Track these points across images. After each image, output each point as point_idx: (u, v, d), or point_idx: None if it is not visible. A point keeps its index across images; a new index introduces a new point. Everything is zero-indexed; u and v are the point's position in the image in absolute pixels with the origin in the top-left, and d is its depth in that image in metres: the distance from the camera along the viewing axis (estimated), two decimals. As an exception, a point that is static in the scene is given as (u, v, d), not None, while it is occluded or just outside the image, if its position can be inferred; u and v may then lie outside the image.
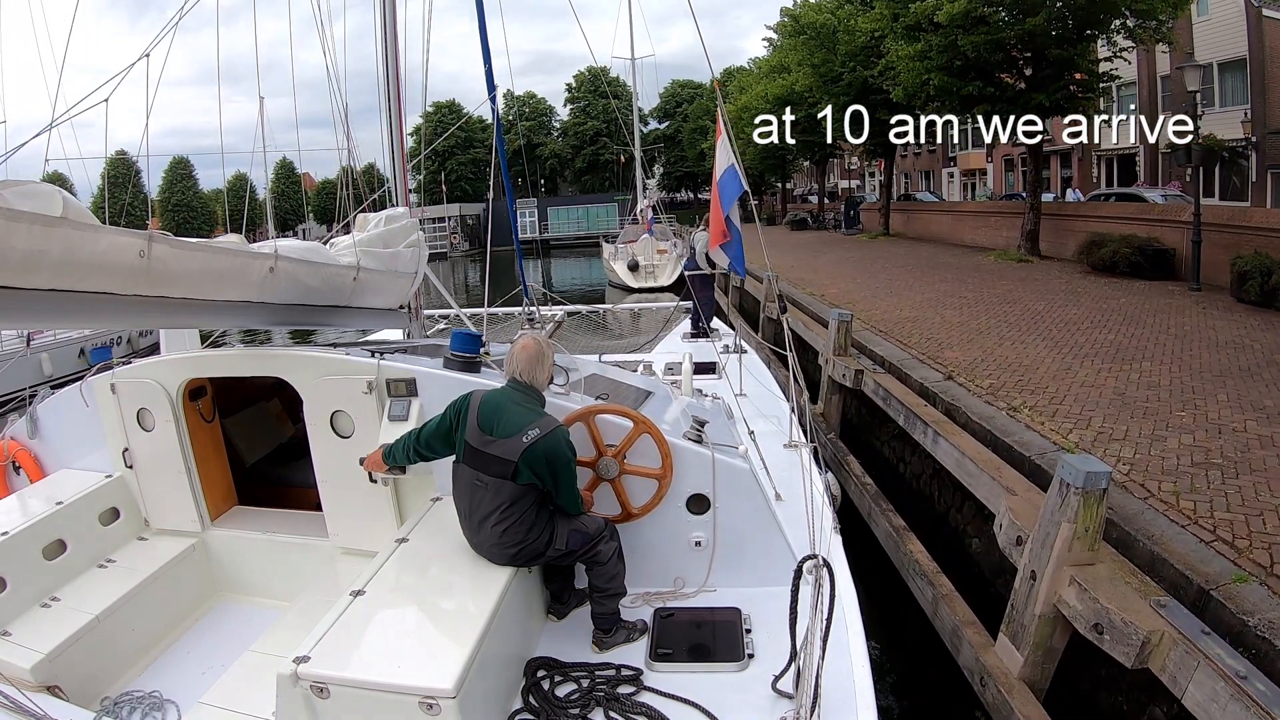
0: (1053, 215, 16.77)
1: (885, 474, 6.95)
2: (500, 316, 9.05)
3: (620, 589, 2.85)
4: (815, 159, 37.11)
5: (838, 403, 7.86)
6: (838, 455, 6.69)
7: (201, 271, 3.01)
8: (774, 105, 30.96)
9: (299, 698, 2.16)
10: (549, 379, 2.97)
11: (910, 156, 39.09)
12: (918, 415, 5.94)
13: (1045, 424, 5.37)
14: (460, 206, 51.93)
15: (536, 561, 2.82)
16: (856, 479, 6.16)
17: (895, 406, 6.43)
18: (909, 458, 6.79)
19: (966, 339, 8.45)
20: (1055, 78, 14.59)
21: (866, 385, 7.13)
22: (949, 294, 11.97)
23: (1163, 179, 22.81)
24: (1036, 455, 4.80)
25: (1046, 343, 8.00)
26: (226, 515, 3.88)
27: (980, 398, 6.13)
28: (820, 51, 23.14)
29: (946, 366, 7.15)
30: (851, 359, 7.63)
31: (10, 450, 4.03)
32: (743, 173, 5.10)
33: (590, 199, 55.23)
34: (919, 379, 6.86)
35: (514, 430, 2.66)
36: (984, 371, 6.95)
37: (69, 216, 2.36)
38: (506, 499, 2.65)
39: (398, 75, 5.37)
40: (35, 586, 3.19)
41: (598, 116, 56.87)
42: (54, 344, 11.74)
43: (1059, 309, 9.92)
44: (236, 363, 3.71)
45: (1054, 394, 6.09)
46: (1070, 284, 12.15)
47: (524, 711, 2.49)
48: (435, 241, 46.49)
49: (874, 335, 8.97)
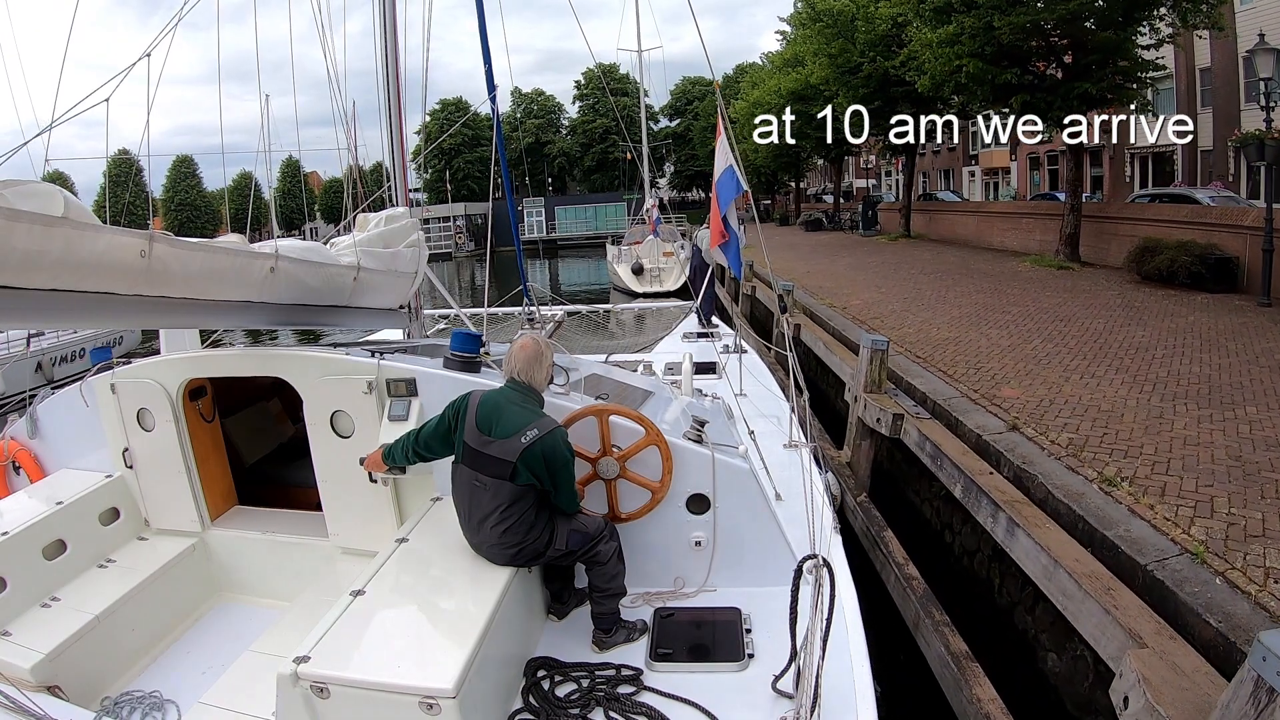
0: (1094, 218, 15.42)
1: (926, 541, 5.71)
2: (500, 316, 9.06)
3: (620, 589, 2.85)
4: (830, 157, 35.86)
5: (868, 450, 6.28)
6: (871, 529, 5.26)
7: (202, 271, 3.01)
8: (787, 100, 29.76)
9: (299, 698, 2.16)
10: (548, 379, 2.97)
11: (929, 154, 37.84)
12: (982, 489, 4.55)
13: (1155, 508, 4.05)
14: (466, 206, 51.71)
15: (536, 562, 2.81)
16: (897, 569, 4.75)
17: (949, 470, 5.03)
18: (959, 526, 5.39)
19: (1024, 369, 7.10)
20: (1100, 65, 13.31)
21: (908, 435, 5.68)
22: (989, 307, 10.69)
23: (1201, 178, 21.64)
24: (1154, 563, 3.50)
25: (1121, 376, 6.66)
26: (226, 515, 3.88)
27: (1059, 460, 4.81)
28: (838, 41, 21.83)
29: (1008, 412, 5.80)
30: (888, 399, 6.16)
31: (10, 450, 4.04)
32: (741, 173, 5.11)
33: (599, 198, 54.66)
34: (974, 428, 5.51)
35: (512, 431, 2.65)
36: (1055, 418, 5.63)
37: (70, 216, 2.36)
38: (506, 499, 2.65)
39: (398, 75, 5.37)
40: (35, 586, 3.19)
41: (607, 114, 56.33)
42: (6, 357, 10.98)
43: (1122, 329, 8.66)
44: (236, 363, 3.72)
45: (1152, 455, 4.82)
46: (1124, 297, 10.90)
47: (524, 711, 2.49)
48: (441, 241, 46.40)
49: (909, 361, 7.66)
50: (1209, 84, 21.43)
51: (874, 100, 21.60)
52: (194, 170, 53.44)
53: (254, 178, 12.53)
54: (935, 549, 5.66)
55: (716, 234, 5.36)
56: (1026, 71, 14.05)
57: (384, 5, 5.27)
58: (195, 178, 53.83)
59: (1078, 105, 13.55)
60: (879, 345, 6.30)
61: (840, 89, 22.59)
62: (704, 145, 52.12)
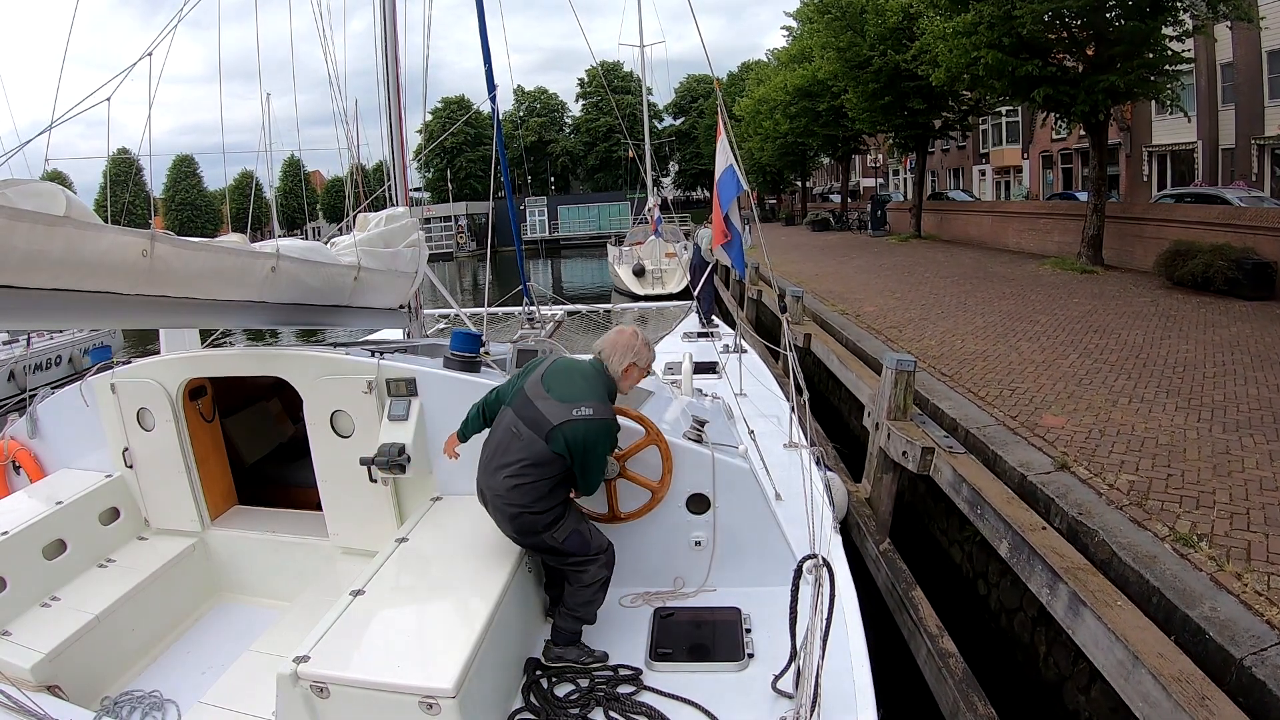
0: (1118, 219, 14.68)
1: (953, 589, 5.09)
2: (500, 316, 9.06)
3: (588, 617, 2.76)
4: (838, 155, 35.16)
5: (890, 485, 5.51)
6: (897, 587, 4.49)
7: (203, 271, 3.01)
8: (794, 96, 29.77)
9: (299, 697, 2.16)
10: (626, 374, 2.85)
11: (938, 152, 36.82)
12: (1035, 550, 3.76)
13: (1243, 578, 3.37)
14: (468, 205, 51.57)
15: (528, 540, 2.73)
16: (930, 641, 3.97)
17: (993, 522, 4.25)
18: (996, 577, 4.70)
19: (1064, 391, 6.40)
20: (1129, 56, 12.58)
21: (940, 474, 4.96)
22: (1014, 316, 10.03)
23: (1223, 177, 20.77)
24: (1251, 655, 2.85)
25: (1173, 400, 5.98)
26: (226, 515, 3.88)
27: (1121, 510, 4.10)
28: (846, 34, 20.95)
29: (1054, 445, 5.08)
30: (915, 427, 5.39)
31: (10, 450, 4.04)
32: (742, 172, 5.12)
33: (602, 197, 54.47)
34: (1016, 465, 4.79)
35: (568, 398, 2.62)
36: (1109, 454, 4.93)
37: (71, 216, 2.36)
38: (531, 457, 2.60)
39: (398, 74, 5.38)
40: (35, 586, 3.20)
41: (610, 112, 56.01)
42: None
43: (1162, 341, 8.02)
44: (236, 362, 3.72)
45: (1228, 505, 4.15)
46: (1158, 304, 10.28)
47: (524, 711, 2.49)
48: (442, 241, 46.29)
49: (934, 379, 6.96)
50: (1230, 79, 20.42)
51: (884, 95, 21.21)
52: (194, 170, 53.46)
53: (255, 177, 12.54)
54: (964, 597, 5.01)
55: (718, 233, 5.40)
56: (1048, 63, 13.24)
57: (384, 4, 5.27)
58: (196, 177, 53.85)
59: (1103, 99, 12.89)
60: (905, 366, 5.53)
61: (849, 84, 22.00)
62: (708, 144, 51.57)
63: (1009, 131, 32.79)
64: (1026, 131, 31.18)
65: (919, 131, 23.14)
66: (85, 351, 13.07)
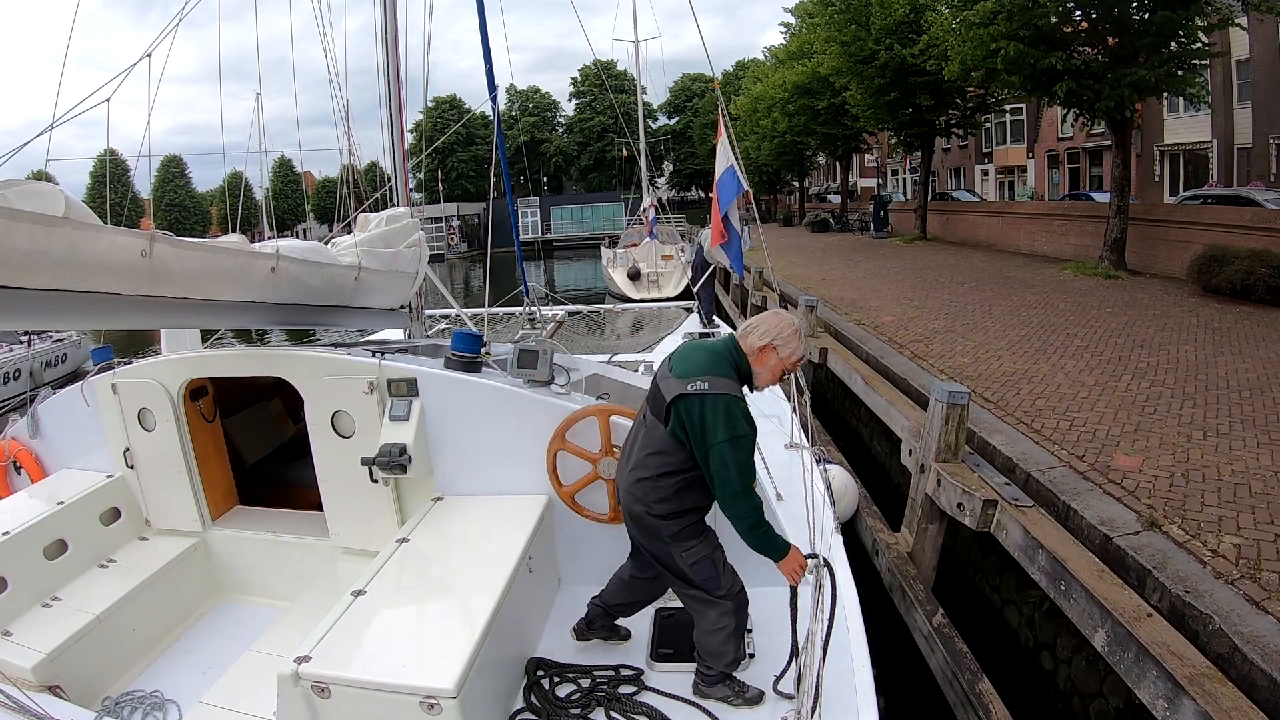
0: (1140, 220, 13.98)
1: (1008, 658, 4.48)
2: (501, 317, 9.06)
3: (722, 668, 2.48)
4: (837, 154, 34.22)
5: (935, 538, 4.81)
6: (960, 677, 3.77)
7: (203, 271, 3.01)
8: (793, 94, 29.17)
9: (300, 698, 2.16)
10: (760, 355, 2.51)
11: (939, 152, 35.72)
12: (1146, 648, 3.02)
13: None
14: (458, 206, 51.25)
15: (652, 544, 2.49)
16: None
17: (1083, 604, 3.47)
18: (1067, 653, 4.03)
19: (1129, 422, 5.61)
20: (1155, 48, 12.00)
21: (1007, 534, 4.18)
22: (1048, 327, 9.20)
23: (1239, 178, 20.12)
24: None
25: (1253, 433, 5.27)
26: (227, 515, 3.88)
27: (1232, 585, 3.36)
28: (850, 27, 20.14)
29: (1135, 495, 4.34)
30: (970, 473, 4.60)
31: (11, 450, 4.03)
32: (742, 173, 5.12)
33: (596, 198, 53.86)
34: (1096, 523, 4.02)
35: (686, 374, 2.39)
36: (1201, 505, 4.20)
37: (71, 216, 2.36)
38: (653, 446, 2.46)
39: (398, 74, 5.36)
40: (36, 586, 3.19)
41: (604, 112, 55.72)
42: None
43: (1217, 359, 7.32)
44: (237, 363, 3.71)
45: None
46: (1197, 315, 9.54)
47: (525, 711, 2.49)
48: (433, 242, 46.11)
49: (978, 406, 6.06)
50: (1247, 77, 19.73)
51: (890, 91, 20.55)
52: (183, 170, 53.27)
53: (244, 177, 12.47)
54: (1020, 667, 4.29)
55: (717, 233, 5.41)
56: (1072, 56, 12.54)
57: (385, 4, 5.26)
58: (184, 178, 53.66)
59: (1129, 94, 12.25)
60: (958, 399, 4.67)
61: (853, 79, 21.34)
62: (704, 143, 51.39)
63: (1013, 130, 32.31)
64: (1031, 130, 30.78)
65: (925, 129, 22.68)
66: (46, 364, 12.89)
